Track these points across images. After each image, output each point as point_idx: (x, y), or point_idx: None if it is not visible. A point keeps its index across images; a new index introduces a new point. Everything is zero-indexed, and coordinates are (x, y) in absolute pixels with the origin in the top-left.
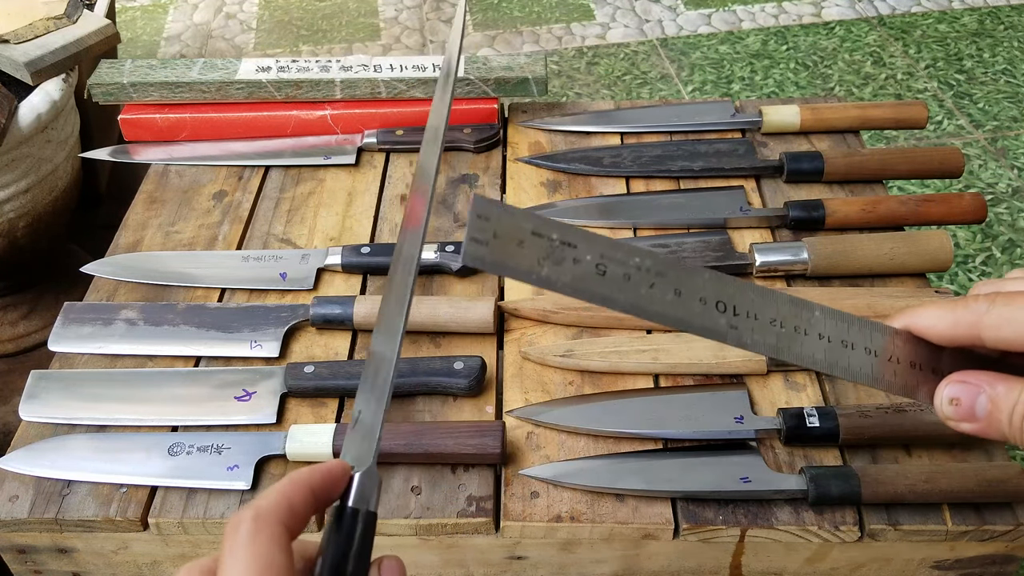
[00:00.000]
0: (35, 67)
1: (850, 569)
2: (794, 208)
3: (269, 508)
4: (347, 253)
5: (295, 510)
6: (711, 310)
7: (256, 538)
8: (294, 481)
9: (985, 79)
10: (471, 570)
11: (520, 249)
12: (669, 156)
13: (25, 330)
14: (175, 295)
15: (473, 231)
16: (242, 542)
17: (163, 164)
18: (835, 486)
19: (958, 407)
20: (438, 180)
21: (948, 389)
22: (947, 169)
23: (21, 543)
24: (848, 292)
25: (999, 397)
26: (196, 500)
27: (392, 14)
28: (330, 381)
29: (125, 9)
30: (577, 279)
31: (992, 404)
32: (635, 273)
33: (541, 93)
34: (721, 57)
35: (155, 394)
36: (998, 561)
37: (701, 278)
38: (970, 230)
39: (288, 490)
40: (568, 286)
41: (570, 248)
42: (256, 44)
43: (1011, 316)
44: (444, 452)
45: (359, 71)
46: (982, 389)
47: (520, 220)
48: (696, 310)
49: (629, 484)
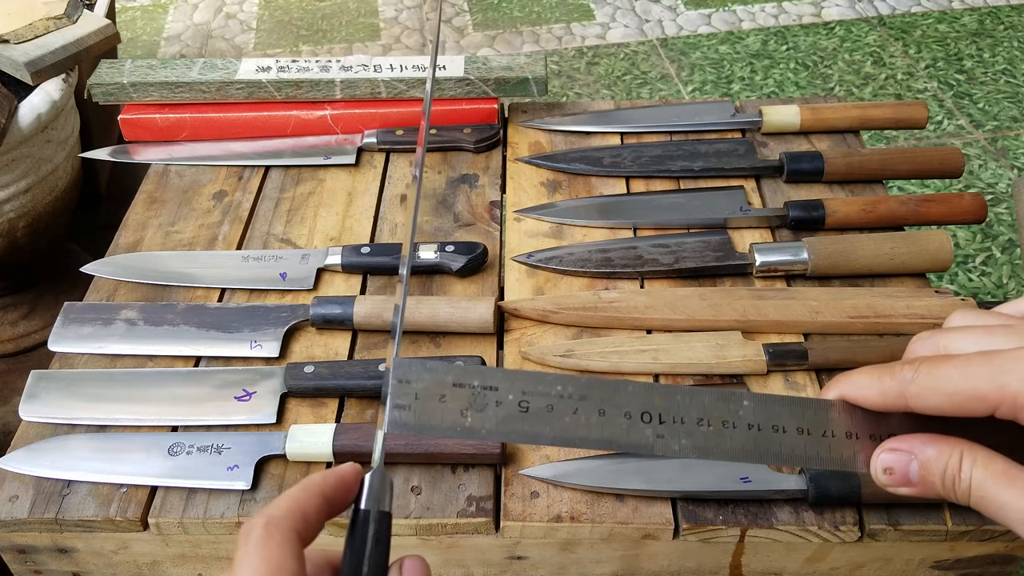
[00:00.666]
0: (35, 67)
1: (850, 569)
2: (794, 208)
3: (281, 515)
4: (347, 253)
5: (308, 517)
6: (636, 423)
7: (267, 544)
8: (307, 487)
9: (985, 79)
10: (471, 570)
11: (443, 404)
12: (669, 156)
13: (25, 330)
14: (175, 295)
15: (396, 397)
16: (253, 548)
17: (163, 164)
18: (835, 486)
19: (892, 475)
20: (438, 180)
21: (881, 458)
22: (947, 169)
23: (21, 543)
24: (848, 292)
25: (930, 462)
26: (196, 500)
27: (392, 14)
28: (330, 381)
29: (125, 9)
30: (501, 422)
31: (923, 469)
32: (557, 402)
33: (541, 93)
34: (721, 57)
35: (155, 394)
36: (998, 561)
37: (625, 392)
38: (970, 230)
39: (301, 496)
40: (493, 432)
41: (491, 392)
42: (256, 44)
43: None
44: (444, 452)
45: (359, 71)
46: (913, 456)
47: (441, 375)
48: (622, 427)
49: (629, 484)
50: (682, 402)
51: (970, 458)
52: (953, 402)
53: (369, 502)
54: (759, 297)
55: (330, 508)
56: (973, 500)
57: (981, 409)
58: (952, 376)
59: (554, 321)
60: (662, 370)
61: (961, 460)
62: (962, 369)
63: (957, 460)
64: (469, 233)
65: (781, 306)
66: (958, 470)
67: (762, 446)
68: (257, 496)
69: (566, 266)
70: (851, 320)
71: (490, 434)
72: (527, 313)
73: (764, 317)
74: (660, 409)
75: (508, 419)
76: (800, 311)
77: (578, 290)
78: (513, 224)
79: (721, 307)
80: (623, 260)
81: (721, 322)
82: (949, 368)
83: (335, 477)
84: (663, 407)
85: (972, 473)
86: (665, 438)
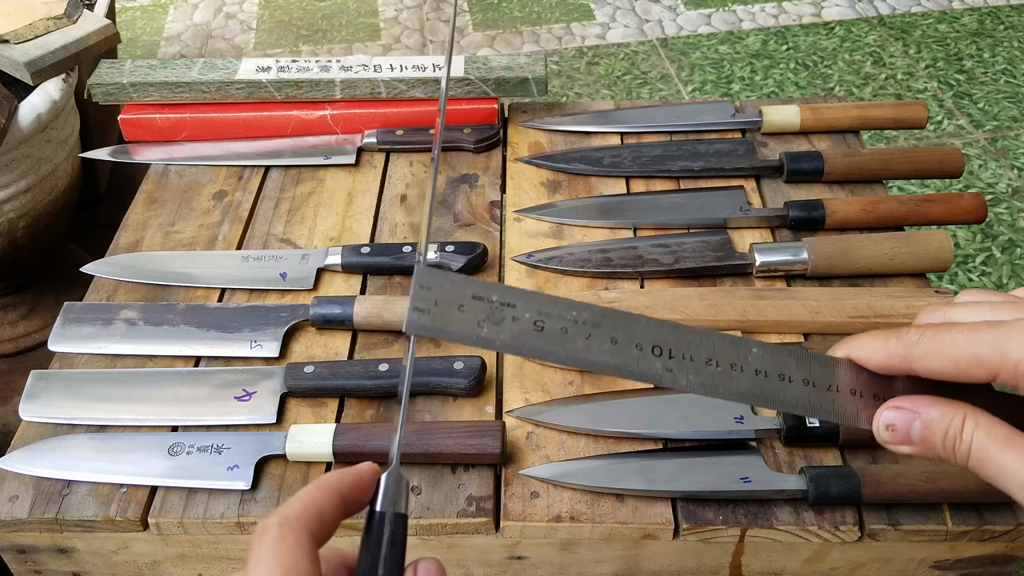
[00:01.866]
0: (35, 67)
1: (850, 569)
2: (794, 208)
3: (295, 514)
4: (347, 253)
5: (323, 516)
6: (647, 355)
7: (281, 544)
8: (322, 486)
9: (985, 79)
10: (471, 570)
11: (460, 313)
12: (669, 156)
13: (25, 330)
14: (175, 295)
15: (415, 301)
16: (267, 548)
17: (163, 164)
18: (835, 486)
19: (894, 432)
20: (438, 180)
21: (885, 415)
22: (947, 169)
23: (21, 543)
24: (848, 292)
25: (933, 422)
26: (196, 500)
27: (392, 14)
28: (330, 381)
29: (125, 9)
30: (515, 336)
31: (926, 428)
32: (572, 326)
33: (541, 93)
34: (721, 57)
35: (155, 394)
36: (998, 561)
37: (638, 325)
38: (970, 230)
39: (316, 495)
40: (507, 344)
41: (509, 308)
42: (256, 44)
43: (938, 349)
44: (444, 452)
45: (359, 71)
46: (917, 415)
47: (461, 286)
48: (632, 356)
49: (629, 484)
50: (693, 341)
51: (973, 421)
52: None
53: (385, 503)
54: (759, 297)
55: (346, 508)
56: (972, 462)
57: (982, 375)
58: (956, 340)
59: None
60: None
61: (964, 422)
62: (966, 335)
63: (960, 422)
64: (469, 233)
65: (781, 306)
66: (960, 431)
67: (767, 391)
68: (257, 496)
69: (566, 266)
70: (851, 320)
71: (504, 346)
72: None
73: (764, 317)
74: (671, 345)
75: (522, 335)
76: (800, 311)
77: (578, 290)
78: (513, 224)
79: (721, 307)
80: (623, 260)
81: (721, 322)
82: (954, 333)
83: (352, 476)
84: (674, 343)
85: (974, 435)
86: (674, 372)
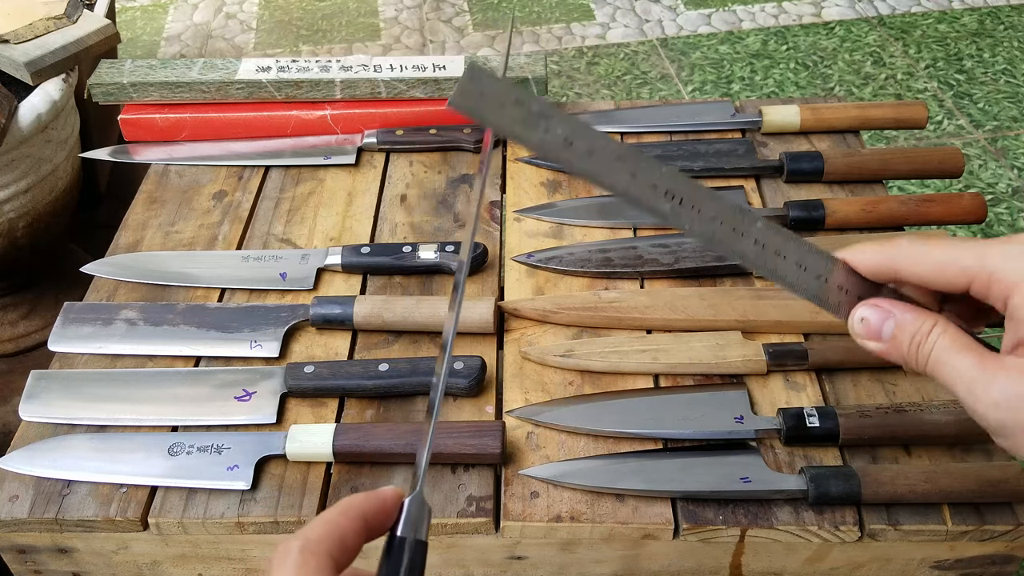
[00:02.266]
0: (35, 67)
1: (850, 569)
2: (794, 208)
3: (318, 539)
4: (347, 253)
5: (345, 542)
6: (660, 195)
7: (302, 570)
8: (346, 510)
9: (985, 79)
10: (471, 570)
11: (501, 109)
12: (669, 156)
13: (25, 330)
14: (175, 295)
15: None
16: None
17: (163, 164)
18: (835, 486)
19: (867, 327)
20: (438, 180)
21: (861, 310)
22: (947, 169)
23: (21, 543)
24: None
25: (905, 323)
26: (196, 500)
27: (392, 14)
28: (330, 381)
29: (125, 9)
30: (545, 143)
31: (898, 328)
32: (599, 151)
33: (541, 93)
34: (721, 57)
35: (155, 394)
36: (998, 561)
37: (658, 171)
38: (970, 230)
39: (340, 520)
40: (535, 145)
41: (545, 120)
42: (256, 44)
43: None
44: (444, 452)
45: (359, 71)
46: (892, 315)
47: (508, 89)
48: (647, 190)
49: (629, 484)
50: (704, 197)
51: (941, 328)
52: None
53: (407, 529)
54: (759, 297)
55: (369, 533)
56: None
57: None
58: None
59: (554, 321)
60: (662, 370)
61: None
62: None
63: (929, 327)
64: None
65: (781, 306)
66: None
67: (761, 260)
68: (257, 496)
69: (566, 266)
70: None
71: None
72: (527, 313)
73: (764, 317)
74: (684, 195)
75: (551, 144)
76: (800, 311)
77: (578, 290)
78: (513, 224)
79: (721, 307)
80: (623, 260)
81: (721, 322)
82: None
83: (376, 500)
84: (686, 194)
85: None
86: (680, 215)
